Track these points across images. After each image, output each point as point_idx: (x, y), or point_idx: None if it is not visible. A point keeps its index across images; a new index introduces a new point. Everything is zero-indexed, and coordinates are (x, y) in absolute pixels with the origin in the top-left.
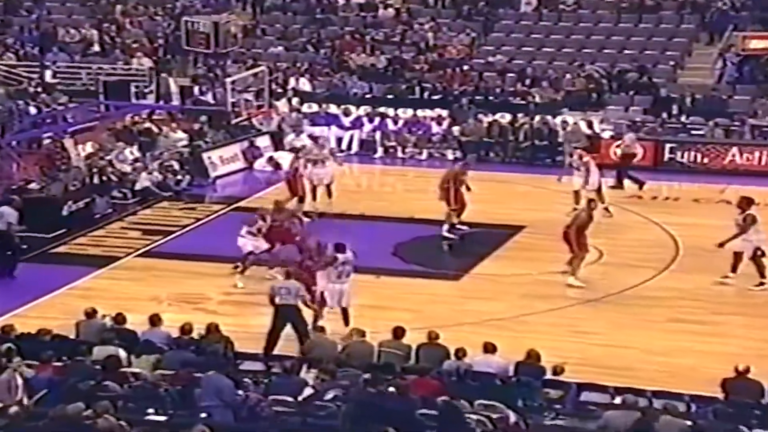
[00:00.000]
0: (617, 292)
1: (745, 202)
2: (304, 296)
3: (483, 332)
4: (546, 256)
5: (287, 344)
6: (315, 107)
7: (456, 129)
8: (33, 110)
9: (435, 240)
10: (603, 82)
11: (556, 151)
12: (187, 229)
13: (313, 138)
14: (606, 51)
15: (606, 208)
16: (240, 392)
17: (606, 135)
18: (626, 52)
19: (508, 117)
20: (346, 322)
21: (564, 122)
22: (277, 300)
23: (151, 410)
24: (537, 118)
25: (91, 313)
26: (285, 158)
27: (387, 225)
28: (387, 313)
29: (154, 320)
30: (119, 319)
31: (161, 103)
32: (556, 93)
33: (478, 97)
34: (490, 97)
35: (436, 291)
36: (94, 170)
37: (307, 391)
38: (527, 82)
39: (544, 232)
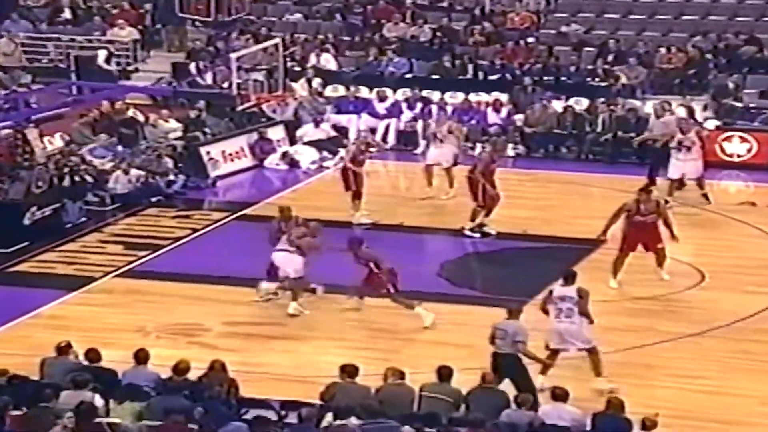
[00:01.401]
0: (725, 325)
1: None
2: (524, 342)
3: (551, 374)
4: (631, 278)
5: (304, 387)
6: (341, 90)
7: (518, 118)
8: None
9: (492, 258)
10: (707, 59)
11: (646, 146)
12: (181, 242)
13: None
14: (711, 19)
15: (704, 195)
16: None
17: (710, 125)
18: (737, 19)
19: (584, 103)
20: (597, 372)
21: (660, 109)
22: (494, 344)
23: None
24: (622, 103)
25: (63, 348)
26: (303, 154)
27: (431, 238)
28: (431, 350)
29: (140, 357)
30: (94, 355)
31: (149, 85)
32: (646, 72)
33: (546, 78)
34: (562, 78)
35: (493, 321)
36: (64, 169)
37: None
38: (609, 58)
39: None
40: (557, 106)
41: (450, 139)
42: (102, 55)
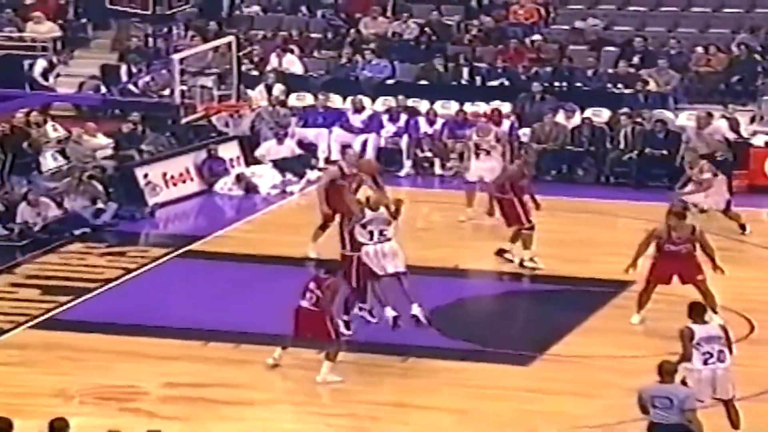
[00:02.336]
0: None
1: None
2: (693, 408)
3: None
4: (664, 326)
5: None
6: (308, 99)
7: (524, 132)
8: None
9: (493, 303)
10: (754, 60)
11: (680, 167)
12: (112, 285)
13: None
14: (759, 11)
15: (742, 225)
16: None
17: (759, 141)
18: None
19: (605, 114)
20: (735, 425)
21: (701, 120)
22: (651, 414)
23: None
24: (649, 115)
25: None
26: (262, 177)
27: (419, 280)
28: (418, 415)
29: (56, 428)
30: (4, 426)
31: (73, 92)
32: (679, 77)
33: (557, 84)
34: (577, 84)
35: (494, 381)
36: None
37: None
38: (634, 60)
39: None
40: (571, 118)
41: (498, 151)
42: (40, 66)
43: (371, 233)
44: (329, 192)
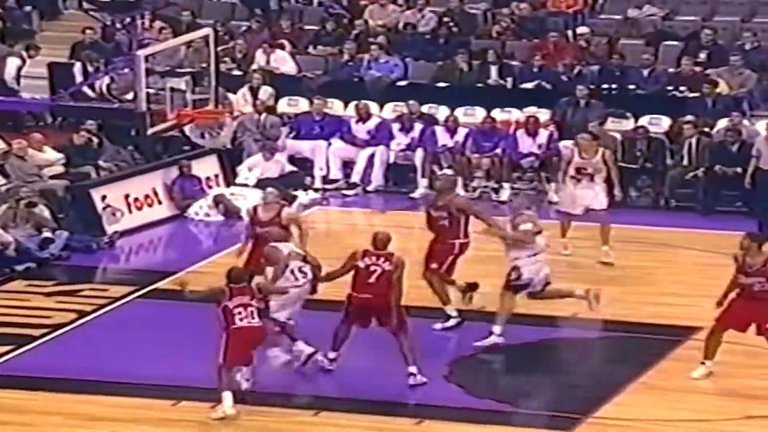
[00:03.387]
0: None
1: None
2: None
3: None
4: (740, 384)
5: None
6: (303, 105)
7: (565, 145)
8: None
9: (525, 354)
10: None
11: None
12: (62, 331)
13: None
14: None
15: None
16: None
17: None
18: None
19: (664, 123)
20: None
21: None
22: None
23: None
24: (721, 123)
25: None
26: (246, 199)
27: (435, 324)
28: None
29: None
30: None
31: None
32: (756, 77)
33: (606, 86)
34: (630, 86)
35: None
36: None
37: None
38: (701, 56)
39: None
40: (622, 127)
41: (603, 174)
42: (13, 65)
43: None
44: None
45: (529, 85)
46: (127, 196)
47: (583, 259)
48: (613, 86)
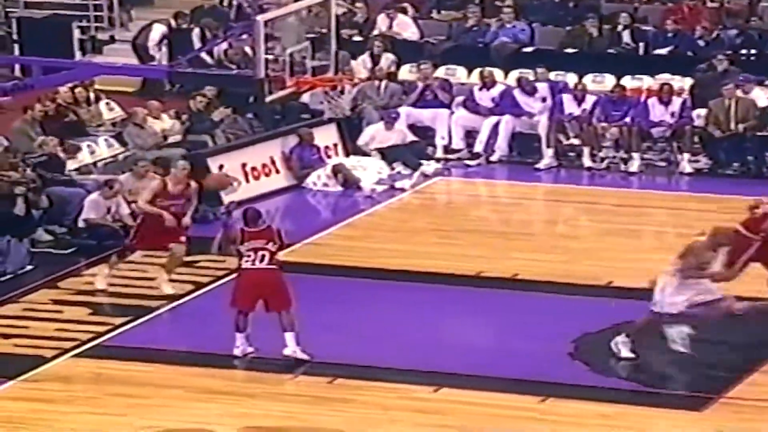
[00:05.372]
0: None
1: None
2: None
3: None
4: None
5: None
6: (428, 71)
7: (698, 114)
8: None
9: (659, 328)
10: None
11: None
12: (178, 303)
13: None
14: None
15: None
16: None
17: None
18: None
19: None
20: None
21: None
22: None
23: None
24: None
25: None
26: (366, 169)
27: (562, 299)
28: None
29: None
30: None
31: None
32: None
33: (744, 52)
34: None
35: (659, 431)
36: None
37: None
38: None
39: None
40: (763, 94)
41: None
42: (157, 32)
43: None
44: None
45: (662, 51)
46: (244, 165)
47: None
48: (753, 51)
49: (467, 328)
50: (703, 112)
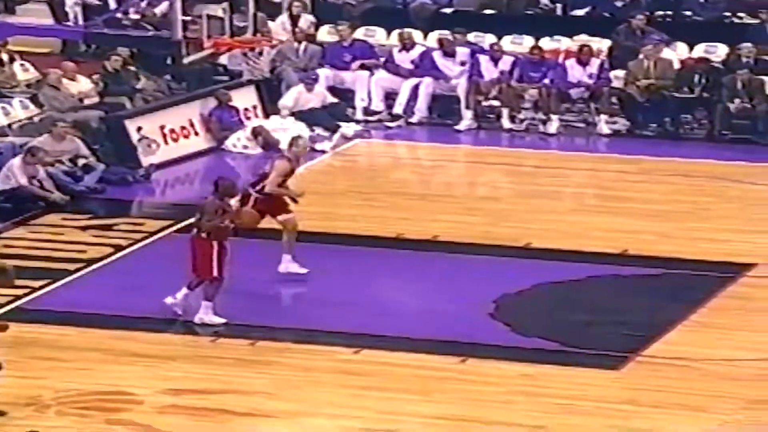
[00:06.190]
0: None
1: None
2: None
3: None
4: None
5: None
6: (345, 32)
7: (616, 75)
8: None
9: (573, 290)
10: None
11: None
12: (96, 266)
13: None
14: None
15: None
16: None
17: None
18: None
19: (721, 51)
20: None
21: None
22: None
23: None
24: None
25: None
26: (286, 131)
27: (483, 261)
28: (480, 430)
29: None
30: None
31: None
32: None
33: (661, 13)
34: (686, 12)
35: (577, 389)
36: None
37: None
38: None
39: None
40: (677, 56)
41: None
42: None
43: None
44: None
45: (580, 12)
46: (162, 128)
47: (632, 193)
48: (669, 12)
49: (388, 290)
50: (621, 73)
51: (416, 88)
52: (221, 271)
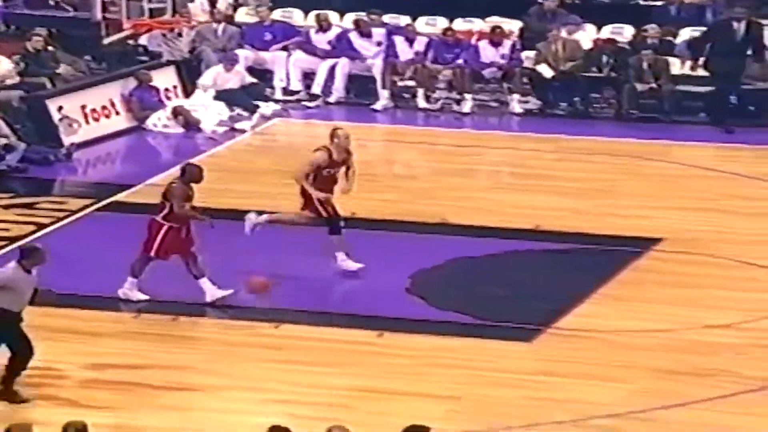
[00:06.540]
0: None
1: None
2: None
3: None
4: (700, 295)
5: None
6: (264, 13)
7: (528, 55)
8: None
9: (488, 265)
10: None
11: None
12: (18, 244)
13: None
14: None
15: None
16: None
17: None
18: None
19: (627, 32)
20: None
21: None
22: None
23: None
24: (685, 33)
25: None
26: (206, 110)
27: (399, 237)
28: (400, 403)
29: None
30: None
31: None
32: None
33: None
34: None
35: (491, 361)
36: None
37: None
38: None
39: (695, 249)
40: (587, 37)
41: None
42: None
43: None
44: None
45: None
46: (84, 107)
47: (544, 171)
48: None
49: (307, 266)
50: (532, 54)
51: (333, 68)
52: (161, 251)
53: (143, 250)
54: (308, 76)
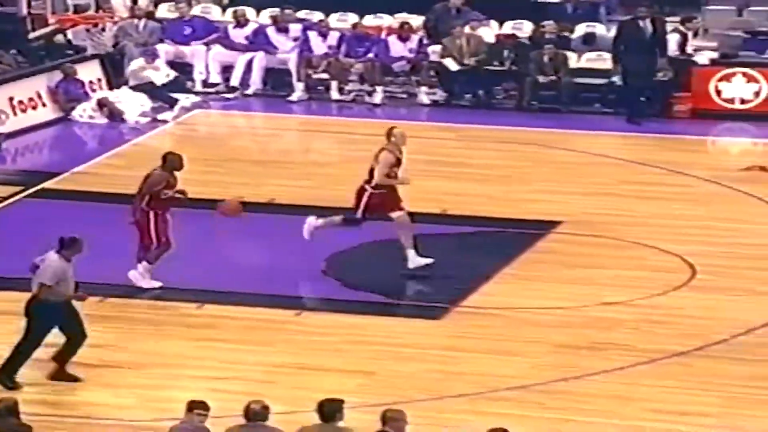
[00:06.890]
0: (725, 340)
1: None
2: None
3: (486, 411)
4: (597, 274)
5: None
6: (185, 9)
7: (435, 50)
8: None
9: (398, 248)
10: None
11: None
12: None
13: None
14: None
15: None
16: None
17: (703, 59)
18: None
19: (526, 27)
20: None
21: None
22: None
23: None
24: (580, 29)
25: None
26: (129, 102)
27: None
28: (317, 378)
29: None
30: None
31: None
32: None
33: None
34: None
35: (402, 338)
36: None
37: None
38: None
39: (593, 231)
40: (490, 32)
41: None
42: None
43: None
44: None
45: None
46: (11, 99)
47: (451, 158)
48: None
49: (229, 249)
50: (438, 48)
51: (251, 62)
52: (160, 237)
53: (147, 243)
54: (227, 70)
